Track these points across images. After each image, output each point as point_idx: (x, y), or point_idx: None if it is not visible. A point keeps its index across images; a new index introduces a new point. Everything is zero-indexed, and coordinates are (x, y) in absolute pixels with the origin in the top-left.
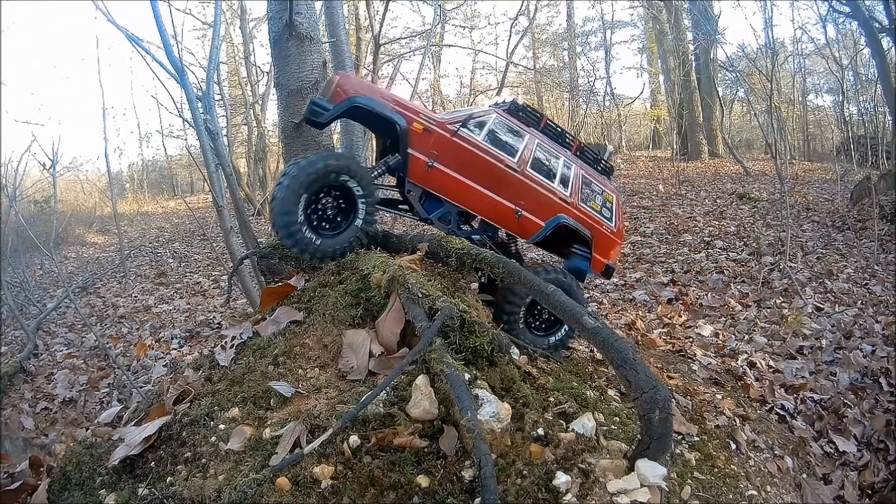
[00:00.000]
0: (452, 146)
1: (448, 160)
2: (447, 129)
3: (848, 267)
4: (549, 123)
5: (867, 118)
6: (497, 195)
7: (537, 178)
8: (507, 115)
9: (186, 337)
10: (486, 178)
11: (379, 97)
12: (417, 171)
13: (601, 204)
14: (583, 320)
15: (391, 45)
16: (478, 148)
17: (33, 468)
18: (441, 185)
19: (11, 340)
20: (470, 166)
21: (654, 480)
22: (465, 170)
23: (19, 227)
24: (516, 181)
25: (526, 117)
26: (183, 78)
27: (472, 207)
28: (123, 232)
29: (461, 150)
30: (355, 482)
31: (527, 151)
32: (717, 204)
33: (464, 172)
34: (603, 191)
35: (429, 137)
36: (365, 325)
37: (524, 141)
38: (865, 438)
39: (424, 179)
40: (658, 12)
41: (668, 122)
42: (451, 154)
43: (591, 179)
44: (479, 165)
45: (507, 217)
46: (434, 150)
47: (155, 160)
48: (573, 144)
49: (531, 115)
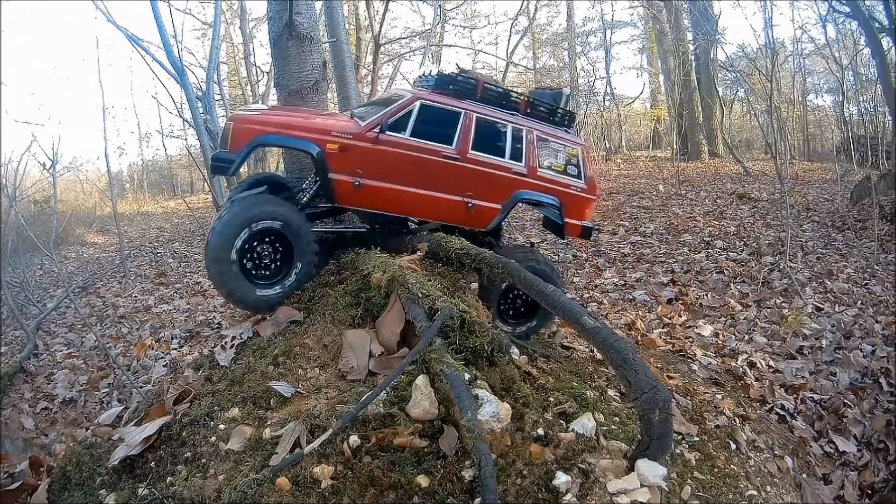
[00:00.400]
0: (377, 155)
1: (375, 172)
2: (367, 139)
3: (848, 267)
4: (488, 86)
5: (867, 118)
6: (440, 192)
7: (483, 160)
8: (436, 95)
9: (186, 337)
10: (424, 176)
11: (281, 129)
12: (345, 193)
13: (565, 162)
14: (583, 320)
15: (391, 45)
16: (406, 148)
17: (33, 468)
18: (375, 200)
19: (11, 340)
20: (402, 170)
21: (654, 480)
22: (398, 175)
23: (19, 227)
24: (459, 171)
25: (459, 88)
26: (183, 78)
27: (416, 214)
28: (123, 232)
29: (388, 155)
30: (355, 482)
31: (465, 134)
32: (717, 204)
33: (396, 179)
34: (564, 146)
35: (348, 155)
36: (365, 325)
37: (459, 122)
38: (865, 438)
39: (355, 200)
40: (658, 12)
41: (668, 122)
42: (377, 164)
43: (548, 138)
44: (412, 166)
45: (458, 212)
46: (358, 166)
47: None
48: (521, 103)
49: (464, 84)
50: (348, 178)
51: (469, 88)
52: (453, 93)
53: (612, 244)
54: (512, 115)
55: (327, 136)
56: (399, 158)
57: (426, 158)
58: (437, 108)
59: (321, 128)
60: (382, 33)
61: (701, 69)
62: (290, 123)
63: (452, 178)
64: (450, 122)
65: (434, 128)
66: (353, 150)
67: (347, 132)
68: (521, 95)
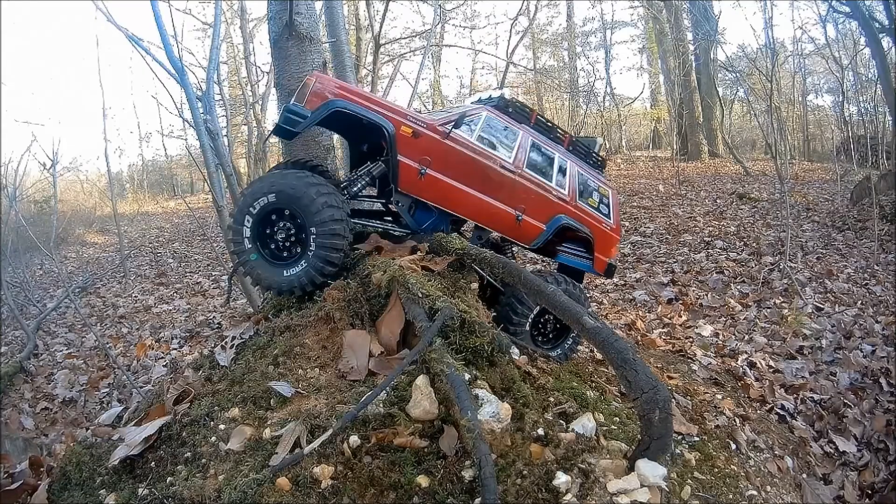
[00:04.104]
0: (445, 149)
1: (441, 165)
2: (438, 132)
3: (848, 267)
4: (540, 118)
5: (867, 118)
6: (495, 199)
7: (535, 178)
8: (498, 112)
9: (186, 337)
10: (483, 181)
11: (360, 99)
12: (408, 179)
13: (598, 200)
14: (583, 320)
15: (391, 45)
16: (472, 150)
17: (33, 468)
18: (435, 193)
19: (11, 340)
20: (465, 170)
21: (654, 480)
22: (460, 174)
23: (19, 227)
24: (514, 183)
25: (515, 113)
26: (183, 78)
27: (470, 215)
28: (123, 232)
29: (454, 153)
30: (355, 482)
31: (521, 150)
32: (717, 204)
33: (458, 177)
34: (598, 186)
35: (419, 142)
36: (365, 325)
37: (517, 139)
38: (865, 438)
39: (417, 188)
40: (658, 12)
41: (668, 122)
42: (443, 158)
43: (587, 175)
44: (474, 168)
45: (507, 222)
46: (426, 154)
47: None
48: (564, 139)
49: (520, 110)
50: (415, 165)
51: (524, 114)
52: (511, 115)
53: None
54: (558, 146)
55: (404, 119)
56: (463, 157)
57: (487, 164)
58: (500, 122)
59: (398, 110)
60: (382, 33)
61: (701, 69)
62: (367, 97)
63: (507, 187)
64: (509, 137)
65: (496, 139)
66: (424, 138)
67: (422, 121)
68: (564, 133)
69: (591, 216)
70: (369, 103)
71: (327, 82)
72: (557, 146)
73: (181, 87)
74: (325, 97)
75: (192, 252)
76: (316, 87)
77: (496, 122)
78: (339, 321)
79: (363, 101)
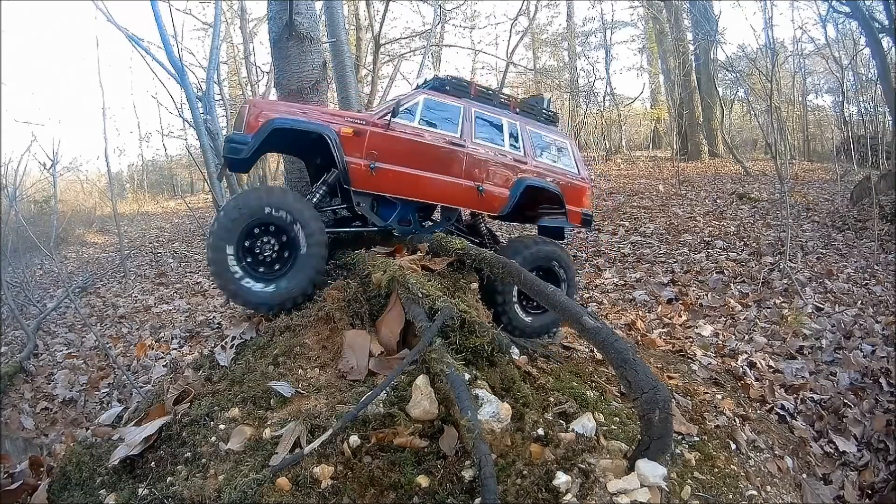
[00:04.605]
0: (389, 140)
1: (389, 156)
2: (378, 125)
3: (848, 267)
4: (480, 88)
5: (867, 118)
6: (451, 177)
7: (486, 146)
8: (435, 93)
9: (186, 337)
10: (435, 161)
11: (297, 112)
12: (360, 177)
13: (557, 153)
14: (583, 320)
15: (391, 45)
16: (416, 134)
17: (33, 468)
18: (390, 184)
19: (11, 340)
20: (414, 155)
21: (654, 480)
22: (410, 160)
23: (19, 227)
24: (466, 156)
25: (454, 90)
26: (183, 78)
27: (431, 197)
28: (123, 232)
29: (399, 141)
30: (355, 482)
31: (467, 123)
32: (717, 204)
33: (409, 163)
34: (555, 140)
35: (362, 139)
36: (365, 325)
37: (461, 113)
38: (865, 438)
39: (371, 184)
40: (658, 12)
41: (668, 122)
42: (390, 148)
43: (539, 132)
44: (423, 151)
45: (470, 196)
46: (371, 149)
47: (155, 160)
48: (510, 103)
49: (458, 85)
50: (363, 162)
51: (463, 88)
52: (450, 92)
53: (612, 244)
54: (505, 110)
55: (342, 122)
56: (409, 143)
57: (435, 144)
58: (439, 101)
59: (335, 113)
60: (382, 33)
61: (701, 69)
62: (306, 109)
63: (461, 162)
64: (452, 114)
65: (438, 119)
66: (367, 135)
67: (360, 119)
68: (509, 97)
69: (553, 171)
70: (306, 115)
71: (261, 105)
72: (504, 111)
73: (181, 87)
74: (262, 119)
75: (192, 252)
76: (251, 111)
77: (434, 103)
78: (339, 321)
79: (299, 114)
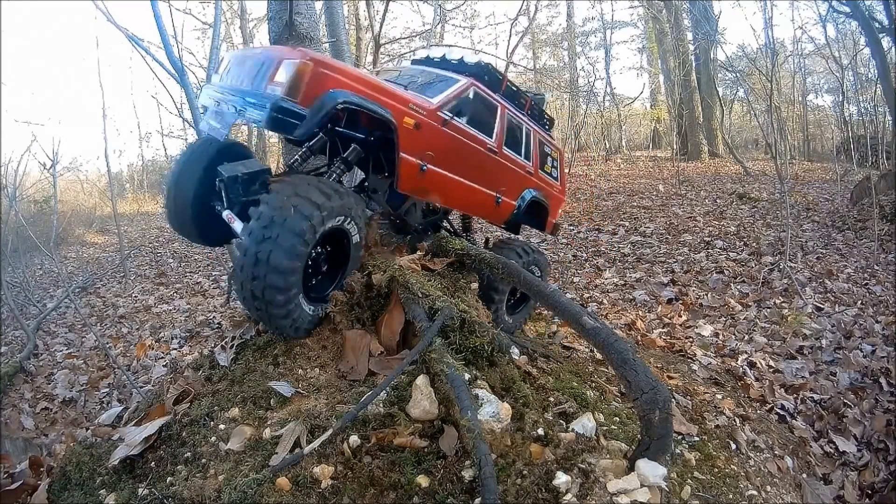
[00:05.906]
0: (444, 139)
1: (440, 157)
2: (437, 118)
3: (848, 267)
4: (509, 84)
5: (867, 118)
6: (481, 185)
7: (511, 156)
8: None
9: (186, 337)
10: (472, 169)
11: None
12: (410, 177)
13: (551, 165)
14: (582, 320)
15: (391, 45)
16: (466, 136)
17: (33, 468)
18: (435, 188)
19: (11, 340)
20: (458, 159)
21: (655, 480)
22: (455, 165)
23: (19, 227)
24: (496, 165)
25: (490, 81)
26: (183, 78)
27: (460, 205)
28: (123, 232)
29: (452, 141)
30: (355, 482)
31: (500, 127)
32: (717, 204)
33: (453, 168)
34: (552, 150)
35: (420, 134)
36: (365, 326)
37: (497, 115)
38: (865, 438)
39: (416, 186)
40: (658, 12)
41: (668, 122)
42: (442, 150)
43: (545, 141)
44: (466, 156)
45: (489, 206)
46: (428, 148)
47: (155, 160)
48: (525, 103)
49: (494, 78)
50: (416, 161)
51: (497, 82)
52: (487, 83)
53: (612, 244)
54: (523, 113)
55: (405, 108)
56: (459, 145)
57: (476, 149)
58: (484, 98)
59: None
60: (382, 33)
61: (701, 69)
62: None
63: (490, 171)
64: (490, 114)
65: (480, 118)
66: (425, 129)
67: (421, 107)
68: (525, 96)
69: (547, 183)
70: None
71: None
72: (522, 114)
73: (181, 87)
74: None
75: (192, 252)
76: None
77: (480, 98)
78: (339, 321)
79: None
